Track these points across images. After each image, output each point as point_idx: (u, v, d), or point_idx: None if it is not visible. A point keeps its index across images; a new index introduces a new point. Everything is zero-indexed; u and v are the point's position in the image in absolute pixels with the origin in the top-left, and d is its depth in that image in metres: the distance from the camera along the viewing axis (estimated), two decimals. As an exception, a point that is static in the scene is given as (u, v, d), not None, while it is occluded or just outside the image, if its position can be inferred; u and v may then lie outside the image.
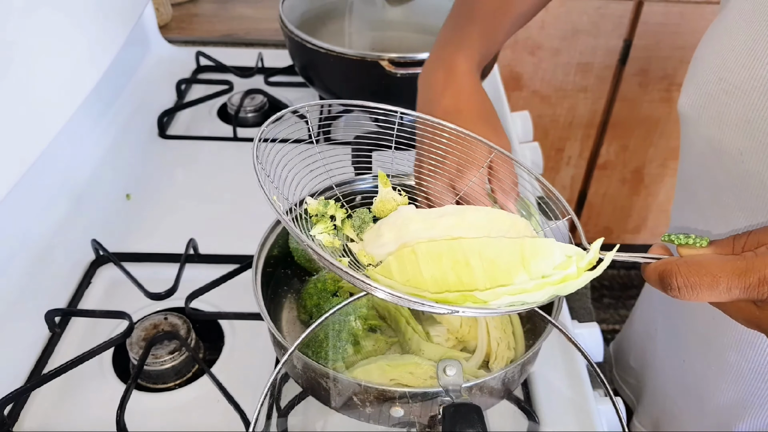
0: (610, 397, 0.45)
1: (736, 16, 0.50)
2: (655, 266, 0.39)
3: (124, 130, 0.99)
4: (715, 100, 0.50)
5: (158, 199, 0.87)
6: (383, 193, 0.50)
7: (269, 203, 0.38)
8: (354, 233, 0.48)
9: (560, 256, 0.39)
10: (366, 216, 0.49)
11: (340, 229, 0.48)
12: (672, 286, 0.38)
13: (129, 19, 0.92)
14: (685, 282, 0.37)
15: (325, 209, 0.48)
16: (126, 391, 0.59)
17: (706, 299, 0.38)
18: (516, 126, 1.05)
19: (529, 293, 0.38)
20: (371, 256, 0.45)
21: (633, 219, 2.05)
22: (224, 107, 1.07)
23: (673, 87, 1.73)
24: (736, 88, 0.48)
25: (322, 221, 0.48)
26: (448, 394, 0.43)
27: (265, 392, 0.41)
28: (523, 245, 0.38)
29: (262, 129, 0.43)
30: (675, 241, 0.40)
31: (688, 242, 0.40)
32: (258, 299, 0.54)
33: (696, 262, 0.38)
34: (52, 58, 0.70)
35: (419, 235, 0.42)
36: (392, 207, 0.50)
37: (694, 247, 0.40)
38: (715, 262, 0.37)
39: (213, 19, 1.35)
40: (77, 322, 0.70)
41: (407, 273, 0.39)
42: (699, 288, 0.37)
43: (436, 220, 0.43)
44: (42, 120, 0.68)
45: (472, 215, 0.44)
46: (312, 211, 0.48)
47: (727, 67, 0.49)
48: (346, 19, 1.04)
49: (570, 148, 1.89)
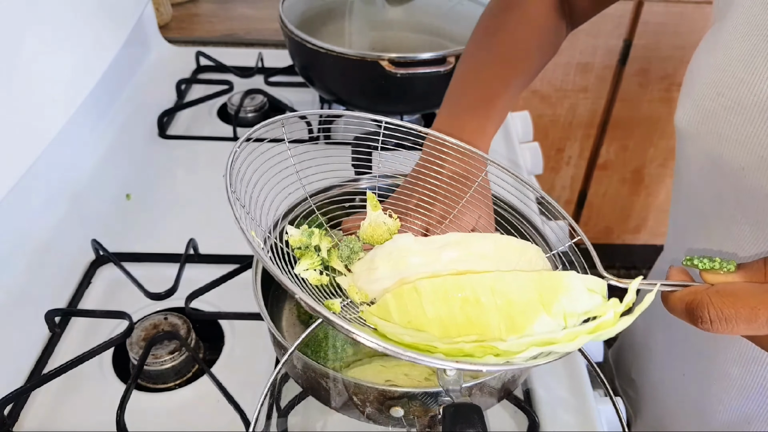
0: (610, 397, 0.45)
1: (731, 30, 0.49)
2: (681, 296, 0.36)
3: (124, 130, 0.99)
4: (713, 116, 0.50)
5: (158, 199, 0.87)
6: (372, 217, 0.45)
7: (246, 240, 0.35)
8: (341, 265, 0.43)
9: (583, 291, 0.35)
10: (355, 244, 0.44)
11: (326, 261, 0.43)
12: (703, 319, 0.34)
13: (129, 19, 0.92)
14: (718, 315, 0.34)
15: (309, 240, 0.42)
16: (126, 391, 0.59)
17: (741, 332, 0.35)
18: (516, 126, 1.05)
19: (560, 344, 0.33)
20: (364, 293, 0.39)
21: (633, 219, 2.05)
22: (224, 107, 1.07)
23: (673, 87, 1.73)
24: (736, 104, 0.47)
25: (306, 255, 0.42)
26: (448, 394, 0.43)
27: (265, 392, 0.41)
28: (541, 280, 0.35)
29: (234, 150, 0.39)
30: (699, 266, 0.36)
31: (713, 267, 0.36)
32: (258, 299, 0.54)
33: (730, 292, 0.34)
34: (52, 58, 0.70)
35: (420, 270, 0.38)
36: (383, 232, 0.45)
37: (719, 272, 0.36)
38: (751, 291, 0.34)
39: (213, 19, 1.35)
40: (77, 322, 0.70)
41: (409, 313, 0.35)
42: (735, 321, 0.34)
43: (437, 251, 0.39)
44: (42, 120, 0.68)
45: (478, 244, 0.40)
46: (294, 243, 0.42)
47: (725, 82, 0.48)
48: (346, 19, 1.04)
49: (570, 148, 1.88)
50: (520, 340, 0.33)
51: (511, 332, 0.34)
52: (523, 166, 0.96)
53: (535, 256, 0.40)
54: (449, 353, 0.33)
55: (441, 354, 0.33)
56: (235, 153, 0.39)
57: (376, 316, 0.37)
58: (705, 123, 0.50)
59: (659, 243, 2.13)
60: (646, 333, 0.78)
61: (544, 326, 0.34)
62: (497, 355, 0.33)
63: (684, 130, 0.53)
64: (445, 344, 0.33)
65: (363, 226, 0.45)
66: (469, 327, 0.34)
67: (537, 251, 0.41)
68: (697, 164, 0.55)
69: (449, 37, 1.00)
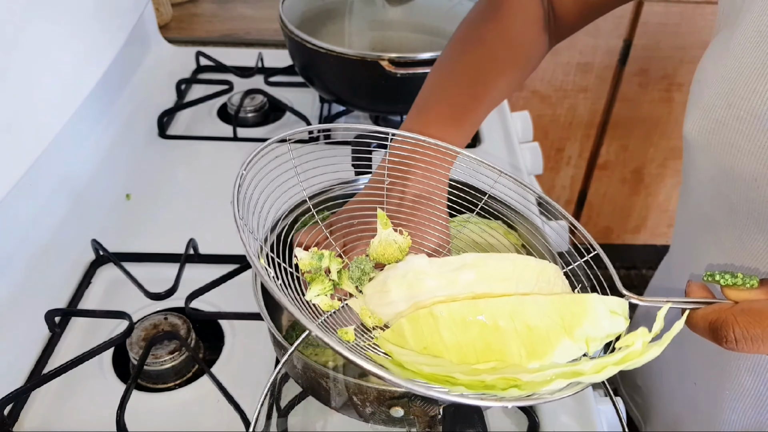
0: (610, 397, 0.45)
1: (740, 39, 0.48)
2: (704, 314, 0.35)
3: (124, 130, 0.99)
4: (724, 126, 0.49)
5: (158, 199, 0.87)
6: (383, 236, 0.44)
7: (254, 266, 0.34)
8: (353, 287, 0.42)
9: (605, 314, 0.34)
10: (366, 265, 0.42)
11: (336, 283, 0.42)
12: (728, 338, 0.34)
13: (129, 19, 0.92)
14: (744, 334, 0.33)
15: (319, 263, 0.41)
16: (126, 391, 0.59)
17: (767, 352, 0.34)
18: (516, 126, 1.05)
19: (586, 376, 0.32)
20: (377, 316, 0.38)
21: (633, 219, 2.05)
22: (224, 107, 1.07)
23: (673, 87, 1.73)
24: (748, 114, 0.47)
25: (317, 280, 0.41)
26: (448, 394, 0.43)
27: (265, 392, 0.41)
28: (562, 304, 0.34)
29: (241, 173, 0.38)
30: (720, 281, 0.36)
31: (735, 283, 0.35)
32: (258, 299, 0.54)
33: (757, 311, 0.33)
34: (52, 58, 0.70)
35: (435, 293, 0.37)
36: (393, 250, 0.43)
37: (742, 288, 0.35)
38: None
39: (213, 19, 1.35)
40: (77, 322, 0.70)
41: (425, 339, 0.34)
42: (762, 341, 0.33)
43: (454, 273, 0.38)
44: (42, 120, 0.68)
45: (495, 265, 0.38)
46: (304, 267, 0.41)
47: (737, 92, 0.47)
48: (346, 19, 1.04)
49: (570, 148, 1.88)
50: (544, 373, 0.32)
51: (532, 358, 0.33)
52: (523, 166, 0.96)
53: (554, 275, 0.39)
54: (470, 386, 0.32)
55: (462, 387, 0.32)
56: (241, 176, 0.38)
57: (391, 342, 0.36)
58: (716, 134, 0.49)
59: (659, 243, 2.13)
60: None
61: (566, 351, 0.33)
62: (520, 387, 0.31)
63: (693, 141, 0.52)
64: (465, 375, 0.32)
65: (373, 245, 0.44)
66: (488, 353, 0.33)
67: (556, 270, 0.40)
68: (708, 175, 0.54)
69: (449, 37, 1.00)
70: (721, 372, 0.61)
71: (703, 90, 0.51)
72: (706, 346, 0.62)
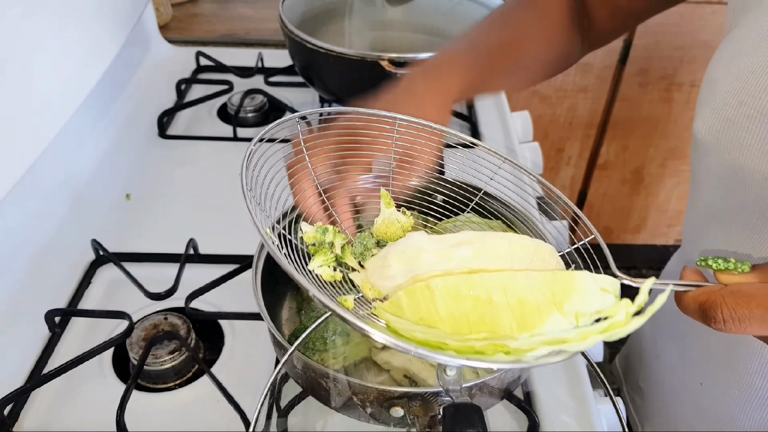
0: (610, 397, 0.45)
1: (752, 37, 0.48)
2: (694, 295, 0.36)
3: (124, 130, 0.99)
4: (735, 125, 0.48)
5: (158, 199, 0.87)
6: (386, 215, 0.46)
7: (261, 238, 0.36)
8: (355, 261, 0.44)
9: (596, 291, 0.35)
10: (368, 241, 0.44)
11: (339, 257, 0.44)
12: (717, 319, 0.35)
13: (129, 19, 0.92)
14: (731, 315, 0.34)
15: (323, 237, 0.43)
16: (126, 391, 0.59)
17: (755, 332, 0.35)
18: (516, 126, 1.05)
19: (570, 343, 0.33)
20: (377, 289, 0.40)
21: (633, 219, 2.05)
22: (224, 107, 1.07)
23: (673, 87, 1.73)
24: (759, 113, 0.46)
25: (320, 252, 0.43)
26: (448, 394, 0.43)
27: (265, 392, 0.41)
28: (554, 279, 0.35)
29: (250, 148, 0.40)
30: (713, 266, 0.37)
31: (728, 267, 0.36)
32: (258, 299, 0.54)
33: (744, 293, 0.34)
34: (52, 58, 0.70)
35: (433, 268, 0.38)
36: (396, 229, 0.45)
37: (734, 273, 0.36)
38: (765, 292, 0.34)
39: (213, 19, 1.35)
40: (77, 322, 0.70)
41: (420, 311, 0.35)
42: (749, 321, 0.34)
43: (451, 249, 0.39)
44: (42, 120, 0.68)
45: (491, 242, 0.40)
46: (309, 239, 0.43)
47: (748, 91, 0.47)
48: (346, 19, 1.04)
49: (570, 148, 1.88)
50: (531, 339, 0.33)
51: (522, 330, 0.34)
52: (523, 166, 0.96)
53: (548, 255, 0.40)
54: (460, 350, 0.33)
55: (452, 351, 0.33)
56: (251, 151, 0.40)
57: (389, 312, 0.37)
58: (726, 132, 0.49)
59: (659, 243, 2.13)
60: (654, 341, 0.77)
61: (556, 325, 0.34)
62: (507, 353, 0.33)
63: (703, 140, 0.52)
64: (455, 341, 0.33)
65: (376, 224, 0.46)
66: (481, 325, 0.34)
67: (551, 250, 0.41)
68: (717, 174, 0.53)
69: (449, 37, 1.00)
70: (730, 373, 0.61)
71: (714, 88, 0.51)
72: (714, 346, 0.63)
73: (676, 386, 0.72)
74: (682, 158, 1.88)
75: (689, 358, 0.68)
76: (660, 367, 0.75)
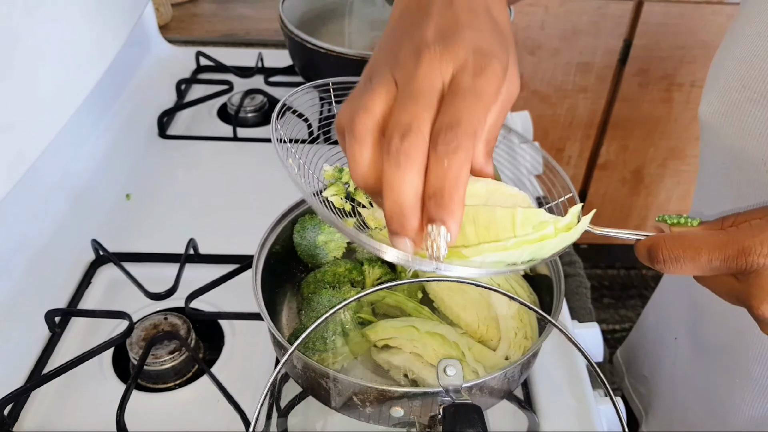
0: (610, 397, 0.45)
1: (757, 21, 0.49)
2: (644, 242, 0.41)
3: (124, 130, 0.99)
4: (738, 109, 0.49)
5: (158, 199, 0.87)
6: None
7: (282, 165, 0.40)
8: (366, 200, 0.53)
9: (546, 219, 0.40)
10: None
11: (353, 194, 0.53)
12: (657, 259, 0.40)
13: (129, 19, 0.92)
14: (669, 255, 0.39)
15: (340, 175, 0.52)
16: (126, 391, 0.59)
17: (690, 272, 0.39)
18: (516, 126, 1.05)
19: (508, 251, 0.38)
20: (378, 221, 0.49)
21: (633, 219, 2.05)
22: (224, 107, 1.07)
23: (673, 87, 1.74)
24: (762, 97, 0.47)
25: (335, 185, 0.52)
26: (448, 394, 0.43)
27: (265, 392, 0.41)
28: (515, 213, 0.39)
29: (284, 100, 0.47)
30: (668, 221, 0.43)
31: (680, 222, 0.42)
32: (258, 299, 0.54)
33: (680, 237, 0.39)
34: (52, 58, 0.70)
35: None
36: None
37: (685, 226, 0.42)
38: (698, 236, 0.39)
39: (213, 19, 1.35)
40: (77, 322, 0.70)
41: None
42: (682, 260, 0.39)
43: None
44: (42, 120, 0.68)
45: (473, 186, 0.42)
46: (328, 177, 0.53)
47: (752, 74, 0.48)
48: (346, 19, 1.04)
49: (570, 148, 1.89)
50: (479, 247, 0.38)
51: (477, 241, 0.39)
52: (523, 166, 0.96)
53: (523, 202, 0.43)
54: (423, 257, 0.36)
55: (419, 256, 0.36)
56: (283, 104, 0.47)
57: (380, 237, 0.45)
58: (729, 116, 0.50)
59: (659, 243, 2.13)
60: (660, 330, 0.77)
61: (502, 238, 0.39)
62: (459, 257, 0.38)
63: (708, 123, 0.53)
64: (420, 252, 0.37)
65: None
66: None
67: (525, 198, 0.43)
68: (719, 158, 0.55)
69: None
70: (733, 361, 0.62)
71: (719, 72, 0.52)
72: (718, 333, 0.63)
73: (681, 375, 0.72)
74: (682, 158, 1.89)
75: (697, 348, 0.68)
76: (665, 356, 0.75)
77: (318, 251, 0.63)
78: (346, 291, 0.60)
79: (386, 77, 0.36)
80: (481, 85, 0.34)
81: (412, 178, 0.33)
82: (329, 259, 0.64)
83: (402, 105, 0.34)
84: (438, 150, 0.33)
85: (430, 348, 0.54)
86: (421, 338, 0.54)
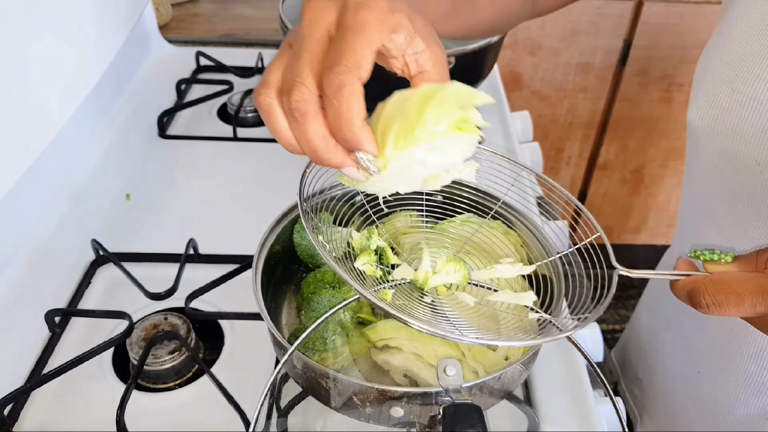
0: (610, 397, 0.45)
1: (743, 25, 0.49)
2: (683, 284, 0.41)
3: (124, 130, 0.99)
4: (728, 112, 0.49)
5: (158, 199, 0.87)
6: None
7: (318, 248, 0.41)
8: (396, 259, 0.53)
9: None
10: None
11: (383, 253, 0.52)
12: (701, 304, 0.40)
13: (129, 19, 0.92)
14: (712, 300, 0.39)
15: (368, 243, 0.52)
16: (126, 391, 0.59)
17: (733, 315, 0.40)
18: (516, 126, 1.05)
19: (426, 142, 0.37)
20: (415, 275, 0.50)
21: (633, 219, 2.05)
22: (224, 107, 1.07)
23: (673, 87, 1.74)
24: (752, 99, 0.47)
25: (365, 253, 0.51)
26: (448, 394, 0.43)
27: (265, 392, 0.41)
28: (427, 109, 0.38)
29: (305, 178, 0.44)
30: (701, 257, 0.43)
31: (713, 258, 0.43)
32: (258, 299, 0.54)
33: (722, 281, 0.39)
34: (52, 58, 0.70)
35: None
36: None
37: (719, 263, 0.42)
38: (739, 280, 0.39)
39: (213, 19, 1.35)
40: (77, 322, 0.70)
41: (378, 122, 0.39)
42: (726, 306, 0.39)
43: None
44: (42, 120, 0.68)
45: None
46: (357, 246, 0.52)
47: (741, 78, 0.48)
48: (346, 19, 1.04)
49: (570, 148, 1.89)
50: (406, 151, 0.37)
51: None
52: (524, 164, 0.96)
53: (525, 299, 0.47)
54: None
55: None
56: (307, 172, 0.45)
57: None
58: (719, 119, 0.50)
59: (659, 243, 2.13)
60: (653, 332, 0.77)
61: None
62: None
63: (697, 127, 0.53)
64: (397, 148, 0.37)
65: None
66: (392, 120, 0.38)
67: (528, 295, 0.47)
68: (710, 161, 0.54)
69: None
70: (725, 360, 0.62)
71: (707, 76, 0.52)
72: (711, 334, 0.63)
73: (675, 375, 0.72)
74: (682, 158, 1.88)
75: (689, 348, 0.68)
76: (659, 357, 0.76)
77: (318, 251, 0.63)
78: (346, 291, 0.59)
79: (283, 47, 0.39)
80: (363, 17, 0.35)
81: (313, 127, 0.35)
82: None
83: (288, 66, 0.37)
84: (326, 92, 0.35)
85: (430, 348, 0.54)
86: (421, 338, 0.54)
